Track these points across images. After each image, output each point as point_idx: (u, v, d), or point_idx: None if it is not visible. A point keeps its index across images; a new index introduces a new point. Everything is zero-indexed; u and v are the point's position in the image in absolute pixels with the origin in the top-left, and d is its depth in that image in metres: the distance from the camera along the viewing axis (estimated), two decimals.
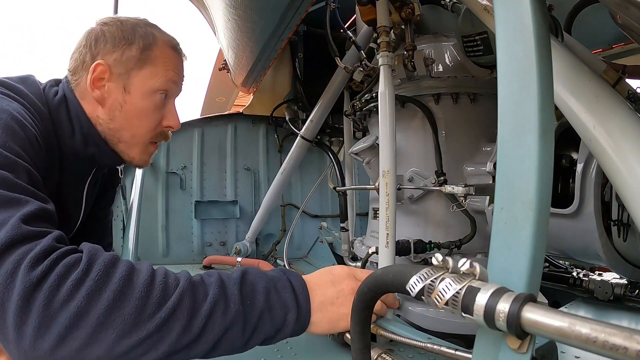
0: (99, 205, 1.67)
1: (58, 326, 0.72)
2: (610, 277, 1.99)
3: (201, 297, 0.84)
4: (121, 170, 1.83)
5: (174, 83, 1.36)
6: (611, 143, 0.77)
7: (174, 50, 1.39)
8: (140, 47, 1.30)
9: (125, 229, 2.17)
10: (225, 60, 3.39)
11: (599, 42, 2.86)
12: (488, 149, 1.81)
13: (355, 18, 2.74)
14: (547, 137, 0.61)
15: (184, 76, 1.45)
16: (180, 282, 0.85)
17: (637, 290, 1.90)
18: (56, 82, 1.35)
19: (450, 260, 0.61)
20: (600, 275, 2.06)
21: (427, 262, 1.72)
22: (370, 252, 1.69)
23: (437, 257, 0.62)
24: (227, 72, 3.49)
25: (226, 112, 3.75)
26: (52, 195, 1.24)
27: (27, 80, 1.24)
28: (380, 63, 1.61)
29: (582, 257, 1.55)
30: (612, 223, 1.37)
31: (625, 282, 1.90)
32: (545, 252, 0.63)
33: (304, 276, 1.04)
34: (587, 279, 2.04)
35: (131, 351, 0.76)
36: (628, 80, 1.61)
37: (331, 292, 1.02)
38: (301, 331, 0.98)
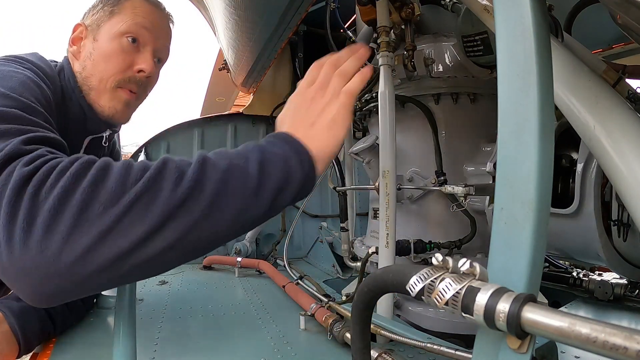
0: None
1: (45, 214, 0.67)
2: (610, 277, 1.99)
3: (186, 162, 0.78)
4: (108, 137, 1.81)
5: (144, 28, 1.37)
6: (611, 143, 0.77)
7: (148, 2, 1.41)
8: (111, 2, 1.38)
9: None
10: (225, 60, 3.39)
11: (599, 42, 2.86)
12: (488, 149, 1.81)
13: (355, 18, 2.74)
14: (547, 137, 0.61)
15: (167, 32, 1.47)
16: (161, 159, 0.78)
17: (637, 290, 1.91)
18: (54, 61, 1.43)
19: (450, 260, 0.61)
20: (600, 275, 2.07)
21: (427, 262, 1.72)
22: (370, 252, 1.68)
23: (437, 257, 0.62)
24: (227, 72, 3.49)
25: (226, 112, 3.74)
26: None
27: (35, 55, 1.31)
28: (380, 63, 1.61)
29: (582, 257, 1.55)
30: (612, 223, 1.37)
31: (625, 282, 1.90)
32: (545, 252, 0.63)
33: (281, 116, 0.98)
34: (587, 279, 2.04)
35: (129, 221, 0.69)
36: (628, 80, 1.62)
37: (311, 115, 0.94)
38: (312, 170, 0.88)
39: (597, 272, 2.14)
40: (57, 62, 1.43)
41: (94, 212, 0.68)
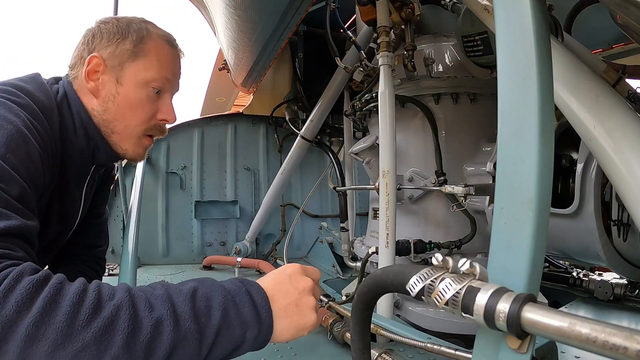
0: (94, 205, 1.67)
1: None
2: (610, 277, 1.99)
3: (145, 310, 0.78)
4: (117, 168, 1.81)
5: (167, 80, 1.34)
6: (611, 143, 0.77)
7: (169, 44, 1.38)
8: (134, 40, 1.31)
9: (125, 229, 2.17)
10: (225, 60, 3.39)
11: (599, 42, 2.87)
12: (488, 149, 1.81)
13: (355, 18, 2.74)
14: (547, 137, 0.61)
15: (180, 72, 1.45)
16: (116, 294, 0.79)
17: (637, 290, 1.91)
18: (56, 80, 1.37)
19: (450, 260, 0.61)
20: (600, 275, 2.07)
21: (427, 262, 1.72)
22: (370, 252, 1.68)
23: (437, 257, 0.62)
24: (227, 72, 3.49)
25: (226, 112, 3.75)
26: (54, 197, 1.23)
27: (36, 80, 1.25)
28: (380, 63, 1.61)
29: (582, 257, 1.55)
30: (612, 223, 1.37)
31: (625, 282, 1.90)
32: (545, 252, 0.63)
33: (260, 281, 0.95)
34: (587, 279, 2.04)
35: None
36: (628, 80, 1.62)
37: (292, 293, 0.93)
38: (263, 345, 0.90)
39: (597, 272, 2.14)
40: (57, 82, 1.37)
41: (41, 349, 0.69)
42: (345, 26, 2.35)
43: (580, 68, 0.90)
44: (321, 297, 1.84)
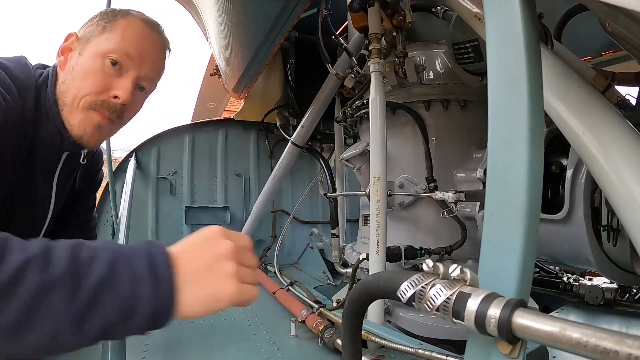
0: (75, 210, 1.63)
1: None
2: (601, 281, 2.01)
3: (17, 252, 0.65)
4: (103, 171, 1.76)
5: (128, 56, 1.26)
6: (601, 149, 0.78)
7: (145, 24, 1.32)
8: (108, 18, 1.29)
9: (115, 234, 2.15)
10: (216, 66, 3.39)
11: (589, 50, 2.90)
12: (478, 155, 1.82)
13: (346, 25, 2.75)
14: (537, 144, 0.62)
15: (154, 57, 1.35)
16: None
17: (628, 295, 1.92)
18: (43, 66, 1.36)
19: (440, 266, 0.61)
20: (590, 280, 2.08)
21: (417, 268, 1.72)
22: (360, 258, 1.69)
23: (427, 263, 0.62)
24: (219, 77, 3.49)
25: (217, 118, 3.74)
26: (18, 184, 1.21)
27: (20, 61, 1.25)
28: (371, 70, 1.62)
29: (572, 262, 1.56)
30: (601, 228, 1.38)
31: (615, 286, 1.92)
32: (535, 257, 0.64)
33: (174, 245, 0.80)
34: (577, 283, 2.06)
35: None
36: (617, 87, 1.64)
37: (205, 256, 0.78)
38: (165, 315, 0.72)
39: (587, 277, 2.15)
40: (45, 69, 1.34)
41: None
42: (337, 33, 2.35)
43: (569, 75, 0.91)
44: (311, 303, 1.84)
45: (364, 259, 1.66)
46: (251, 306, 2.12)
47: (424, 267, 0.63)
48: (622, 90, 1.67)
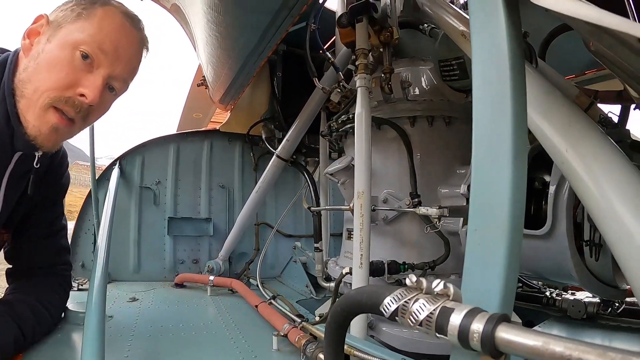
0: (43, 221, 1.55)
1: None
2: (583, 296, 2.03)
3: None
4: (67, 177, 1.67)
5: (101, 50, 1.15)
6: (583, 166, 0.79)
7: (124, 17, 1.21)
8: (85, 4, 1.17)
9: (96, 243, 2.13)
10: (203, 77, 3.39)
11: (572, 68, 2.96)
12: (462, 171, 1.84)
13: (334, 40, 2.77)
14: (521, 160, 0.62)
15: (129, 55, 1.24)
16: None
17: (610, 309, 1.94)
18: (2, 50, 1.27)
19: (424, 281, 0.61)
20: (573, 294, 2.11)
21: (401, 283, 1.71)
22: (344, 272, 1.68)
23: (410, 278, 0.62)
24: (206, 88, 3.49)
25: (203, 129, 3.73)
26: None
27: None
28: (357, 85, 1.63)
29: (555, 277, 1.58)
30: (584, 243, 1.39)
31: (598, 300, 1.94)
32: (518, 272, 0.64)
33: None
34: (560, 298, 2.08)
35: None
36: (600, 105, 1.67)
37: None
38: None
39: (570, 292, 2.17)
40: (3, 53, 1.23)
41: None
42: (325, 47, 2.37)
43: (553, 93, 0.92)
44: (294, 317, 1.82)
45: (347, 273, 1.65)
46: (233, 319, 2.10)
47: (407, 282, 0.63)
48: (605, 108, 1.70)
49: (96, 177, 3.02)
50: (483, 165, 0.65)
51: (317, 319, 1.80)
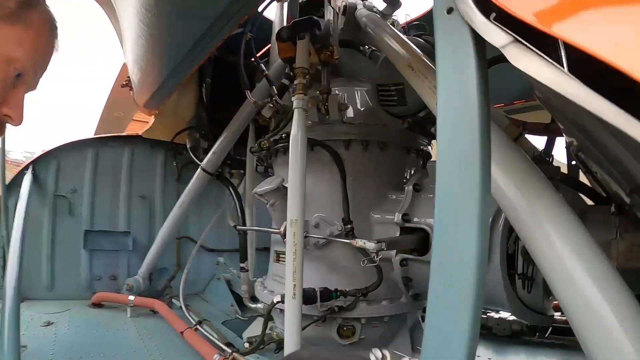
0: None
1: None
2: (508, 314, 2.12)
3: None
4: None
5: (33, 70, 1.04)
6: (525, 204, 0.76)
7: (54, 31, 1.08)
8: (22, 1, 1.00)
9: (5, 257, 1.92)
10: (128, 77, 3.18)
11: (502, 97, 3.06)
12: (394, 197, 1.82)
13: (268, 48, 2.69)
14: (485, 227, 0.59)
15: (47, 64, 1.11)
16: None
17: (538, 333, 2.06)
18: None
19: (388, 355, 0.56)
20: (497, 312, 2.19)
21: (333, 311, 1.68)
22: (275, 300, 1.62)
23: (375, 354, 0.58)
24: (130, 90, 3.27)
25: (124, 134, 3.52)
26: None
27: None
28: (294, 105, 1.57)
29: (488, 305, 1.62)
30: (517, 276, 1.42)
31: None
32: (478, 341, 0.61)
33: None
34: (485, 316, 2.15)
35: None
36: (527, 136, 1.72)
37: None
38: None
39: (494, 310, 2.26)
40: None
41: None
42: (258, 55, 2.30)
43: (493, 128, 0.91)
44: (223, 346, 1.74)
45: (278, 302, 1.59)
46: (157, 347, 1.97)
47: (372, 357, 0.59)
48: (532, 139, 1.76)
49: (7, 182, 2.76)
50: (447, 230, 0.62)
51: (247, 345, 1.73)
